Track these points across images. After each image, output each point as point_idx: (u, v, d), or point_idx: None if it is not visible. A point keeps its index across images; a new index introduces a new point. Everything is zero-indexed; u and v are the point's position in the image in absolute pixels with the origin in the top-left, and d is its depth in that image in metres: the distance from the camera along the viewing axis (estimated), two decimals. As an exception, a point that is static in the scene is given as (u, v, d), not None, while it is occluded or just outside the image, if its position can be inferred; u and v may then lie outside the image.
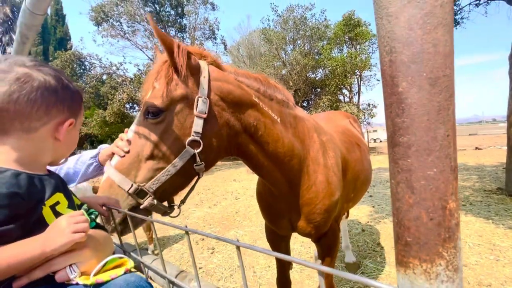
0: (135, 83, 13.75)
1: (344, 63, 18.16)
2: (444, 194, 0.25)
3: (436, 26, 0.24)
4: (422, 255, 0.26)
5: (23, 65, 0.63)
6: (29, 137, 0.64)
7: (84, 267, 0.58)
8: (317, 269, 0.36)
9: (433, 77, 0.25)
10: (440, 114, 0.25)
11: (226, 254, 4.09)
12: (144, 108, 1.00)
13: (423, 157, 0.25)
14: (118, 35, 14.94)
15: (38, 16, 1.05)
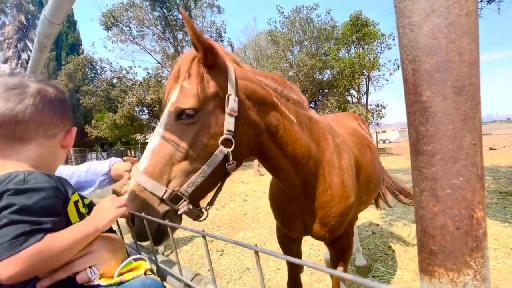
0: (144, 87, 13.98)
1: (352, 63, 17.98)
2: (471, 203, 0.25)
3: (461, 35, 0.24)
4: (449, 264, 0.26)
5: (36, 81, 0.70)
6: (50, 143, 0.70)
7: (102, 269, 0.60)
8: (338, 276, 0.36)
9: (459, 85, 0.25)
10: (466, 122, 0.25)
11: (235, 256, 4.10)
12: (175, 110, 0.97)
13: (449, 166, 0.25)
14: (127, 39, 15.24)
15: (55, 25, 1.09)
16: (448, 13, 0.25)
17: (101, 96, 14.21)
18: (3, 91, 0.63)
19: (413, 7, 0.26)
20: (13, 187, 0.56)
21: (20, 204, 0.54)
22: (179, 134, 0.97)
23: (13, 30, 25.19)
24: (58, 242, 0.56)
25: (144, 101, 13.65)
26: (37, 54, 1.38)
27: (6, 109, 0.61)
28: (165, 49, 16.27)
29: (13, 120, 0.62)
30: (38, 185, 0.59)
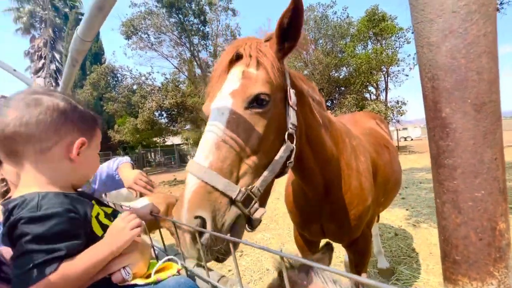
0: (162, 92, 14.44)
1: (369, 59, 17.48)
2: (493, 215, 0.26)
3: (480, 55, 0.25)
4: (472, 274, 0.27)
5: (35, 93, 0.68)
6: (46, 158, 0.66)
7: (134, 269, 0.65)
8: (361, 282, 0.38)
9: (478, 103, 0.26)
10: (487, 138, 0.26)
11: (254, 257, 4.13)
12: (247, 96, 0.86)
13: (470, 179, 0.26)
14: (146, 46, 15.81)
15: (86, 42, 1.18)
16: (466, 34, 0.26)
17: (123, 102, 14.87)
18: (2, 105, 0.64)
19: (431, 28, 0.28)
20: (26, 215, 0.58)
21: (33, 233, 0.56)
22: (249, 124, 0.85)
23: (42, 43, 26.99)
24: (74, 269, 0.57)
25: (163, 106, 14.08)
26: (70, 69, 1.48)
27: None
28: (182, 54, 16.70)
29: (1, 135, 0.61)
30: (50, 211, 0.60)
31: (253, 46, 0.93)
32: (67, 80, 1.67)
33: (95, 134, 0.76)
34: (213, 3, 15.49)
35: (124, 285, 0.66)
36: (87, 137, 0.72)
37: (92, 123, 0.75)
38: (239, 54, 0.93)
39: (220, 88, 0.91)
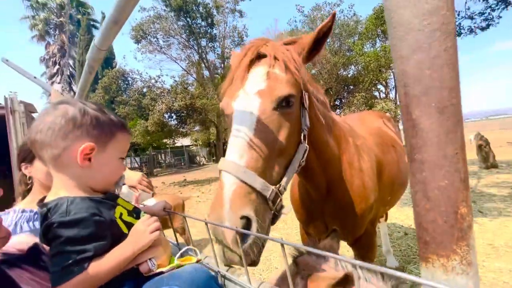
0: (172, 94, 14.68)
1: (378, 57, 17.22)
2: (455, 202, 0.31)
3: (442, 66, 0.30)
4: (440, 252, 0.32)
5: (58, 102, 0.74)
6: (60, 164, 0.71)
7: (158, 261, 0.72)
8: (351, 262, 0.43)
9: (441, 106, 0.30)
10: (449, 136, 0.31)
11: (263, 256, 4.17)
12: (277, 96, 0.87)
13: (436, 171, 0.31)
14: (155, 50, 16.14)
15: (102, 51, 1.26)
16: (430, 49, 0.31)
17: (133, 105, 15.22)
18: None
19: (402, 44, 0.33)
20: (58, 219, 0.64)
21: (65, 236, 0.63)
22: (277, 124, 0.87)
23: (56, 49, 27.94)
24: (101, 267, 0.64)
25: (173, 108, 14.33)
26: (87, 76, 1.58)
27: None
28: (190, 56, 16.94)
29: (29, 141, 0.70)
30: (78, 216, 0.66)
31: (277, 48, 0.96)
32: (84, 86, 1.77)
33: (112, 139, 0.76)
34: (220, 6, 15.65)
35: (149, 274, 0.73)
36: (99, 143, 0.73)
37: (109, 128, 0.76)
38: (261, 54, 0.95)
39: (242, 87, 0.92)
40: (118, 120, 0.81)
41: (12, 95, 3.88)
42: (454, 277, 0.31)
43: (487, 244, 3.56)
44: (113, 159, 0.78)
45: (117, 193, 0.88)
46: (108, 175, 0.78)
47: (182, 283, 0.65)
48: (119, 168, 0.80)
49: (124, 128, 0.81)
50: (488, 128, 36.23)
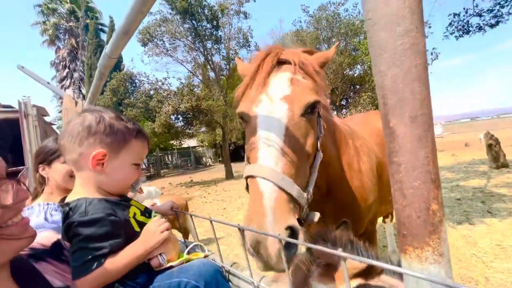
0: (178, 96, 14.86)
1: (385, 56, 17.06)
2: (427, 199, 0.35)
3: (413, 80, 0.34)
4: (415, 244, 0.36)
5: (82, 111, 0.82)
6: (78, 168, 0.78)
7: (168, 256, 0.78)
8: (338, 254, 0.47)
9: (413, 115, 0.35)
10: (420, 141, 0.35)
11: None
12: (305, 103, 0.88)
13: (410, 173, 0.35)
14: (161, 52, 16.37)
15: (113, 59, 1.33)
16: (402, 65, 0.35)
17: (141, 107, 15.45)
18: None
19: (380, 60, 0.37)
20: (77, 219, 0.71)
21: (84, 234, 0.69)
22: (303, 130, 0.87)
23: (66, 53, 28.64)
24: (116, 264, 0.70)
25: (179, 109, 14.50)
26: (98, 82, 1.66)
27: None
28: (196, 58, 17.11)
29: (58, 145, 0.78)
30: (95, 216, 0.72)
31: (299, 55, 0.98)
32: (95, 91, 1.86)
33: (125, 146, 0.81)
34: (225, 8, 15.77)
35: (160, 269, 0.79)
36: (112, 150, 0.78)
37: (122, 136, 0.80)
38: (284, 60, 0.97)
39: (265, 92, 0.92)
40: (134, 127, 0.83)
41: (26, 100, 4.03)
42: (428, 266, 0.36)
43: (495, 245, 3.52)
44: (126, 165, 0.82)
45: (132, 198, 0.93)
46: (121, 180, 0.82)
47: (191, 275, 0.71)
48: (133, 173, 0.84)
49: (139, 135, 0.84)
50: (499, 126, 35.33)
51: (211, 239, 4.93)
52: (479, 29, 8.59)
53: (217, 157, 34.34)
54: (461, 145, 18.54)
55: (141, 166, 0.87)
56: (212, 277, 0.73)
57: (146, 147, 0.88)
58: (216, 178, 17.08)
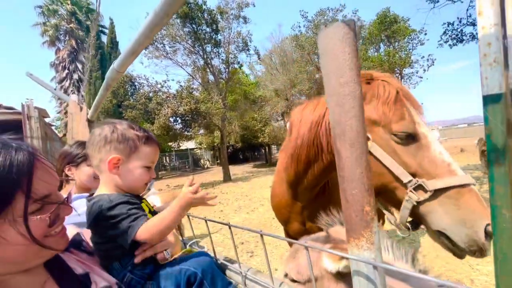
0: (177, 98, 15.00)
1: (382, 62, 17.34)
2: (362, 203, 0.48)
3: (351, 118, 0.48)
4: (354, 235, 0.49)
5: (100, 123, 0.98)
6: (100, 171, 0.94)
7: (172, 252, 0.92)
8: (302, 244, 0.60)
9: (351, 142, 0.48)
10: (357, 161, 0.48)
11: (264, 258, 4.33)
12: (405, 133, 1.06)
13: (350, 184, 0.49)
14: (161, 55, 16.52)
15: (120, 73, 1.47)
16: (343, 106, 0.48)
17: (140, 109, 15.57)
18: None
19: (331, 101, 0.50)
20: (105, 205, 0.85)
21: (115, 212, 0.84)
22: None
23: (66, 54, 28.75)
24: (164, 219, 0.84)
25: (178, 112, 14.64)
26: (103, 91, 1.79)
27: None
28: (195, 61, 17.28)
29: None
30: (118, 200, 0.86)
31: (390, 92, 1.13)
32: (100, 99, 1.99)
33: (136, 151, 0.94)
34: (224, 12, 15.98)
35: (164, 262, 0.92)
36: (124, 155, 0.92)
37: (133, 143, 0.94)
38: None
39: (422, 116, 1.13)
40: (143, 135, 0.97)
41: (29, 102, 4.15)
42: (363, 252, 0.49)
43: (481, 248, 3.65)
44: (137, 168, 0.95)
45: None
46: (134, 180, 0.95)
47: (191, 263, 0.84)
48: (145, 175, 0.97)
49: (148, 141, 0.98)
50: (495, 132, 35.49)
51: (205, 235, 5.03)
52: (472, 38, 8.82)
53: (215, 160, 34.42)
54: (457, 150, 18.75)
55: (153, 168, 1.01)
56: (208, 266, 0.86)
57: (156, 152, 1.01)
58: (214, 181, 17.18)
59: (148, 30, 1.01)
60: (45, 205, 0.60)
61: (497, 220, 0.47)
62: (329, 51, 0.49)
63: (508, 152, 0.43)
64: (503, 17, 0.41)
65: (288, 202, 1.70)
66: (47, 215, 0.59)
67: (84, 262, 0.78)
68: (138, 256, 0.88)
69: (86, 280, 0.74)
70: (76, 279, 0.72)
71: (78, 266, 0.75)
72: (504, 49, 0.40)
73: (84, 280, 0.73)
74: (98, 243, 0.89)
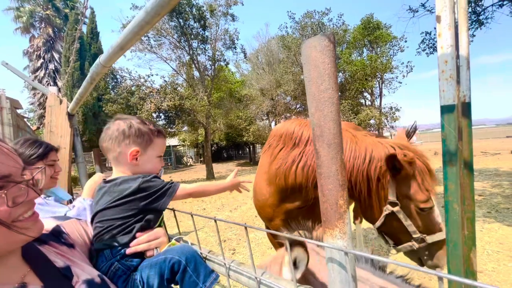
0: (161, 94, 14.66)
1: (364, 66, 17.92)
2: (336, 197, 0.54)
3: (329, 121, 0.54)
4: (329, 226, 0.55)
5: (114, 119, 1.07)
6: (118, 162, 1.03)
7: (160, 249, 0.95)
8: (282, 236, 0.65)
9: (329, 143, 0.54)
10: (333, 160, 0.54)
11: (246, 255, 4.39)
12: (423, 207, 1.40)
13: (326, 180, 0.54)
14: (145, 49, 16.05)
15: (105, 67, 1.45)
16: (323, 111, 0.54)
17: (121, 104, 15.05)
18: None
19: (311, 105, 0.56)
20: (143, 179, 0.97)
21: (154, 183, 0.99)
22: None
23: (41, 42, 27.10)
24: (209, 186, 1.11)
25: (161, 108, 14.32)
26: (87, 85, 1.76)
27: None
28: (181, 57, 16.97)
29: (100, 147, 1.05)
30: (151, 176, 1.01)
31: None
32: (83, 93, 1.94)
33: (151, 144, 1.06)
34: (213, 9, 15.80)
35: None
36: (141, 147, 1.03)
37: (148, 136, 1.05)
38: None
39: (434, 189, 1.46)
40: (155, 129, 1.09)
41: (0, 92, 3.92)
42: (336, 241, 0.55)
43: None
44: (152, 158, 1.08)
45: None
46: (150, 169, 1.07)
47: (175, 252, 0.88)
48: (158, 163, 1.11)
49: (159, 134, 1.11)
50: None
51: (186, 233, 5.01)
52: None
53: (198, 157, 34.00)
54: (431, 154, 19.84)
55: (162, 157, 1.15)
56: (192, 256, 0.90)
57: (165, 143, 1.16)
58: (197, 179, 17.00)
59: (138, 28, 1.02)
60: (5, 185, 0.60)
61: (449, 213, 0.54)
62: (311, 61, 0.54)
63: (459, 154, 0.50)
64: (457, 39, 0.48)
65: (274, 203, 1.76)
66: (3, 192, 0.59)
67: (65, 255, 0.78)
68: (131, 247, 0.91)
69: (68, 273, 0.74)
70: (58, 272, 0.72)
71: (58, 259, 0.75)
72: (457, 67, 0.48)
73: (65, 273, 0.74)
74: (116, 218, 0.94)
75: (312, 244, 0.93)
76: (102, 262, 0.90)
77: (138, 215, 0.96)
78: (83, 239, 0.93)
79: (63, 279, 0.71)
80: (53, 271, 0.71)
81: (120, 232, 0.93)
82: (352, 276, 0.55)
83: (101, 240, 0.93)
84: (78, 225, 0.97)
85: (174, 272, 0.88)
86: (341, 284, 0.56)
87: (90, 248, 0.95)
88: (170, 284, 0.91)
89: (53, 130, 2.35)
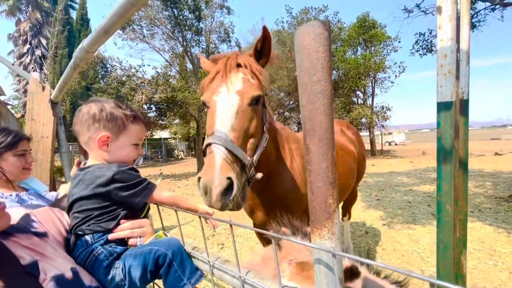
0: (153, 85, 14.35)
1: (358, 65, 18.02)
2: (325, 196, 0.51)
3: (320, 114, 0.50)
4: (317, 226, 0.52)
5: (87, 101, 0.99)
6: (89, 148, 0.96)
7: (144, 239, 0.90)
8: (271, 236, 0.62)
9: (320, 138, 0.51)
10: (324, 156, 0.51)
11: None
12: (250, 97, 1.22)
13: (316, 177, 0.51)
14: (137, 38, 15.63)
15: (90, 53, 1.37)
16: (314, 103, 0.50)
17: (111, 94, 14.64)
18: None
19: (303, 97, 0.52)
20: (119, 169, 0.90)
21: (129, 176, 0.91)
22: (250, 115, 1.23)
23: (28, 27, 26.00)
24: (179, 200, 0.97)
25: (153, 99, 14.03)
26: (71, 71, 1.67)
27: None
28: (174, 48, 16.62)
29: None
30: (127, 167, 0.94)
31: (249, 59, 1.32)
32: (67, 79, 1.85)
33: (124, 129, 0.98)
34: (209, 0, 15.47)
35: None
36: (112, 133, 0.95)
37: (121, 121, 0.96)
38: (238, 63, 1.30)
39: (223, 86, 1.25)
40: (130, 114, 1.00)
41: (-19, 77, 3.72)
42: (324, 242, 0.52)
43: (433, 243, 4.02)
44: (126, 145, 0.99)
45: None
46: (123, 157, 0.99)
47: (162, 245, 0.85)
48: (133, 152, 1.02)
49: (136, 120, 1.01)
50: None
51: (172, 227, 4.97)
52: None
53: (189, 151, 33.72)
54: (419, 153, 20.28)
55: (140, 145, 1.05)
56: (179, 250, 0.86)
57: (143, 130, 1.05)
58: (188, 172, 16.86)
59: (123, 10, 0.96)
60: None
61: (441, 214, 0.53)
62: (304, 49, 0.50)
63: (455, 153, 0.48)
64: (458, 32, 0.45)
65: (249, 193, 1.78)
66: None
67: (34, 249, 0.72)
68: (113, 233, 0.88)
69: (34, 270, 0.69)
70: (22, 269, 0.67)
71: (25, 253, 0.70)
72: (456, 61, 0.45)
73: (31, 271, 0.68)
74: (94, 208, 0.89)
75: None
76: (81, 247, 0.86)
77: (115, 205, 0.91)
78: (57, 228, 0.87)
79: (28, 277, 0.67)
80: (17, 268, 0.66)
81: (103, 219, 0.89)
82: (339, 278, 0.53)
83: (81, 230, 0.88)
84: (51, 213, 0.91)
85: (158, 265, 0.84)
86: (327, 286, 0.53)
87: (66, 237, 0.90)
88: (154, 277, 0.87)
89: (35, 118, 2.24)
